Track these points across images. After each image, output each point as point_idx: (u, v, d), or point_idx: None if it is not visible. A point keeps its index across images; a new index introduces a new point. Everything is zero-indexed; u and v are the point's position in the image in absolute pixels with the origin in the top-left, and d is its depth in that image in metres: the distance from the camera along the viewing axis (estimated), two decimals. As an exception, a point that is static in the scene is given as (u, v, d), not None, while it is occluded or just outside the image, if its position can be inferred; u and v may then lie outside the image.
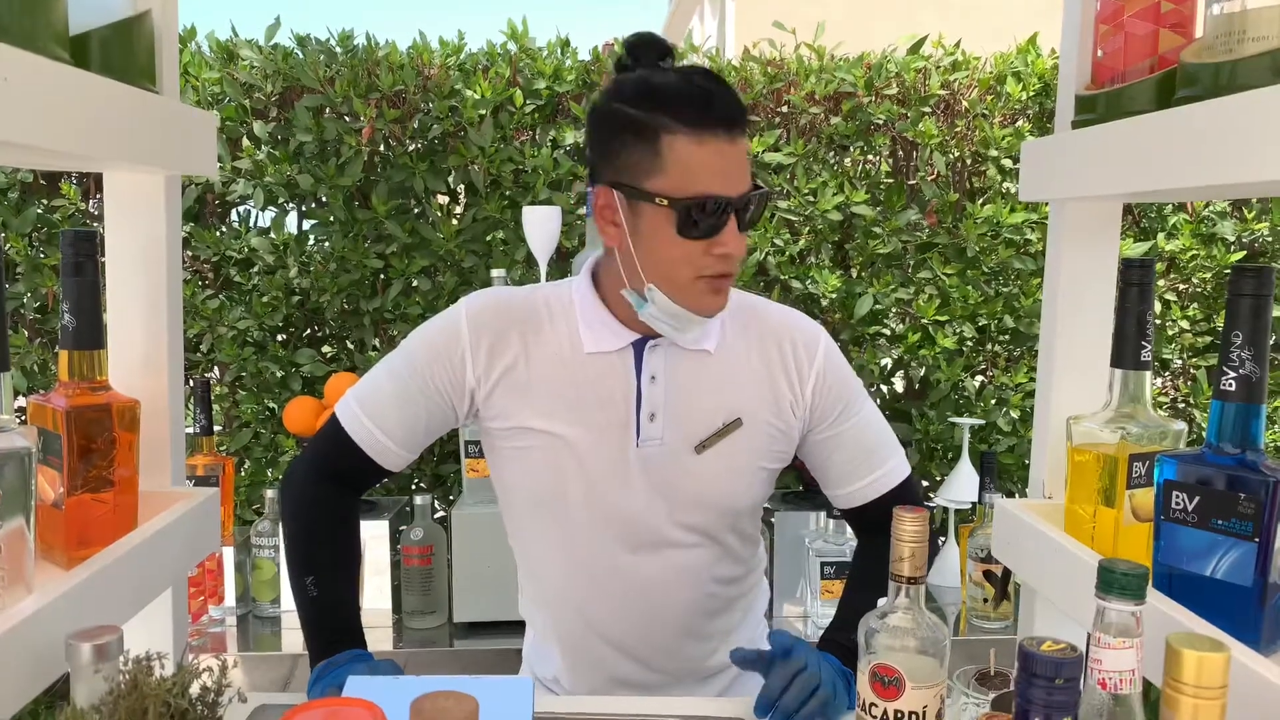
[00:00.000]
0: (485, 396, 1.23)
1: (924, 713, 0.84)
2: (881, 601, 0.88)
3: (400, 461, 1.27)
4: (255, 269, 2.61)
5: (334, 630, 1.22)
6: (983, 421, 2.62)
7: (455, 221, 2.59)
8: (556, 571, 1.29)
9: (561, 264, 2.55)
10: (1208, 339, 2.77)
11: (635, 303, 1.18)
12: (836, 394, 1.29)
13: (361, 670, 1.12)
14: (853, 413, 1.30)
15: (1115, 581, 0.67)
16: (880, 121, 2.62)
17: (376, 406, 1.25)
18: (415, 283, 2.57)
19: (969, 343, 2.69)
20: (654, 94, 1.13)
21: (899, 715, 0.83)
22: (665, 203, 1.12)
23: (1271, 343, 0.88)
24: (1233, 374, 0.86)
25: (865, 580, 1.33)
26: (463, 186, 2.65)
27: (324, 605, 1.24)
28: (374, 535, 2.19)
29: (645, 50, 1.18)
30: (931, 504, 2.46)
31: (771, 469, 1.29)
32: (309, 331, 2.72)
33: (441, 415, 1.26)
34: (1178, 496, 0.89)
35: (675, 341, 1.22)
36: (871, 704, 0.85)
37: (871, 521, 1.34)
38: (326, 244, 2.58)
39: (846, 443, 1.30)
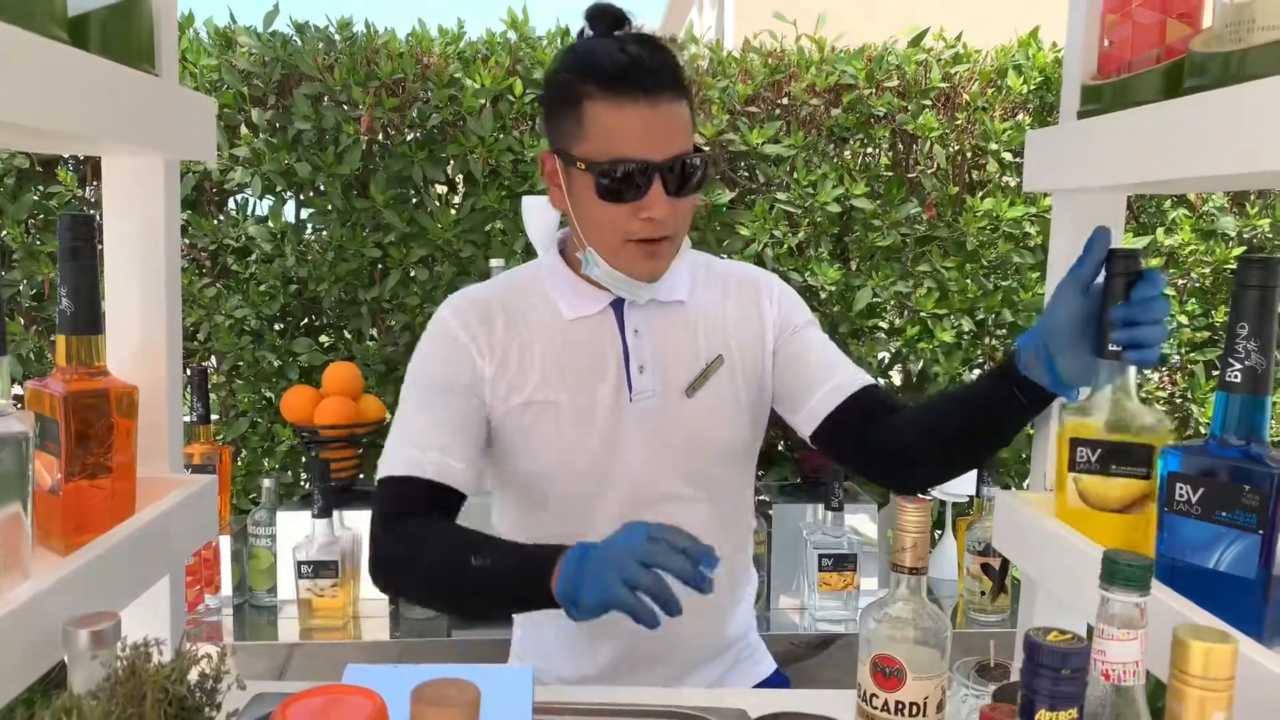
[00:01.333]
0: (492, 377, 1.25)
1: (925, 704, 0.83)
2: (882, 593, 0.88)
3: (471, 481, 1.23)
4: (253, 258, 2.60)
5: (532, 552, 1.11)
6: (981, 415, 2.62)
7: (454, 211, 2.58)
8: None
9: (560, 254, 2.54)
10: (1206, 334, 2.77)
11: (584, 263, 1.24)
12: (796, 308, 1.36)
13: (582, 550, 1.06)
14: (813, 329, 1.36)
15: (1120, 572, 0.66)
16: (881, 114, 2.61)
17: (423, 437, 1.21)
18: (413, 272, 2.56)
19: (967, 336, 2.69)
20: (579, 60, 1.17)
21: (900, 706, 0.83)
22: (584, 166, 1.16)
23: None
24: (1238, 365, 0.86)
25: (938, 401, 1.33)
26: (461, 176, 2.64)
27: (506, 553, 1.14)
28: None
29: (599, 20, 1.21)
30: (928, 497, 2.46)
31: (757, 404, 1.33)
32: (306, 321, 2.71)
33: (479, 413, 1.25)
34: (1181, 488, 0.88)
35: (629, 297, 1.25)
36: (872, 694, 0.85)
37: (854, 430, 1.29)
38: (324, 233, 2.57)
39: (810, 346, 1.34)
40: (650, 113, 1.14)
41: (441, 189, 2.68)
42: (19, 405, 0.93)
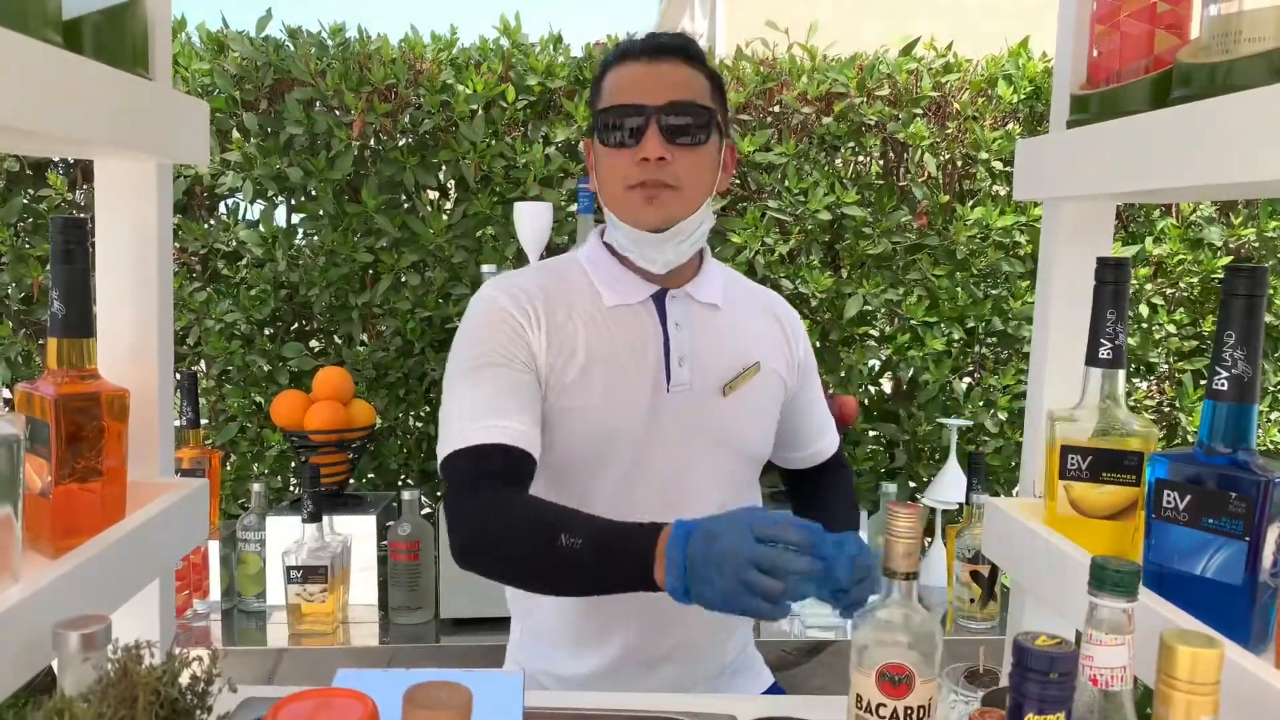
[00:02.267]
0: (547, 364, 1.24)
1: (930, 705, 0.84)
2: (873, 598, 0.88)
3: (539, 445, 1.20)
4: (243, 262, 2.59)
5: (626, 534, 1.06)
6: (970, 422, 2.63)
7: (445, 217, 2.58)
8: None
9: (552, 260, 2.54)
10: (1194, 343, 2.78)
11: (608, 228, 1.30)
12: (810, 359, 1.46)
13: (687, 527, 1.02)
14: (816, 378, 1.48)
15: (1108, 578, 0.67)
16: (872, 122, 2.62)
17: (485, 409, 1.18)
18: (404, 278, 2.56)
19: (957, 344, 2.70)
20: (611, 51, 1.29)
21: (909, 712, 0.83)
22: (592, 121, 1.26)
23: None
24: (1225, 373, 0.86)
25: (835, 510, 1.48)
26: (453, 182, 2.64)
27: (596, 533, 1.07)
28: (361, 530, 2.18)
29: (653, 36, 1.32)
30: (919, 502, 2.47)
31: (777, 419, 1.40)
32: (297, 325, 2.71)
33: (535, 389, 1.22)
34: (1169, 495, 0.89)
35: (646, 264, 1.28)
36: (879, 704, 0.84)
37: (807, 476, 1.53)
38: (315, 238, 2.57)
39: (813, 403, 1.48)
40: (651, 67, 1.23)
41: (433, 194, 2.69)
42: (8, 408, 0.93)
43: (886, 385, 2.90)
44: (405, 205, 2.60)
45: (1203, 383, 2.62)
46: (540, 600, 1.33)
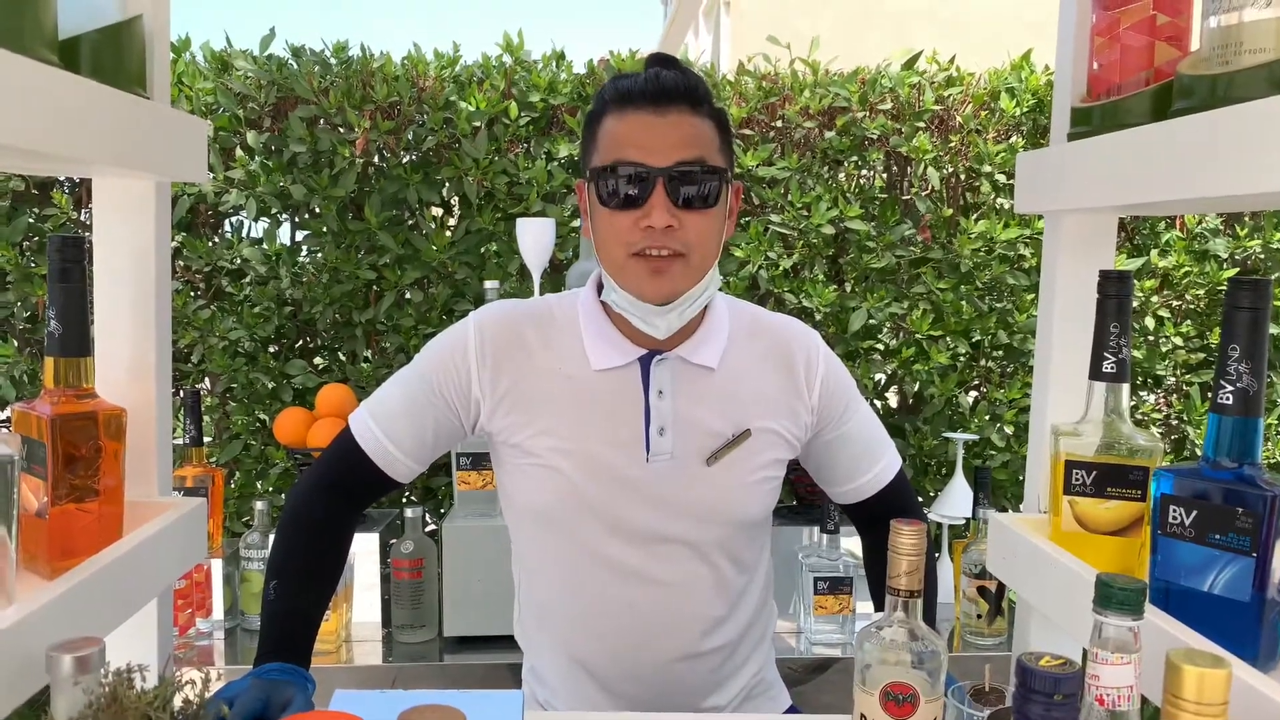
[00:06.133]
0: (491, 411, 1.23)
1: None
2: (877, 616, 0.87)
3: (408, 472, 1.26)
4: (247, 279, 2.59)
5: (277, 640, 1.17)
6: (976, 437, 2.62)
7: (448, 233, 2.58)
8: (562, 588, 1.27)
9: (555, 276, 2.54)
10: (1200, 355, 2.77)
11: (604, 289, 1.22)
12: (839, 396, 1.32)
13: (274, 675, 1.07)
14: (853, 411, 1.34)
15: (1113, 596, 0.66)
16: (874, 136, 2.62)
17: (386, 417, 1.25)
18: (408, 294, 2.56)
19: (963, 358, 2.69)
20: (606, 88, 1.18)
21: None
22: (589, 177, 1.17)
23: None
24: (1230, 387, 0.85)
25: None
26: (456, 198, 2.64)
27: (275, 612, 1.19)
28: (364, 549, 2.17)
29: (651, 63, 1.22)
30: (925, 519, 2.45)
31: (779, 476, 1.30)
32: (300, 342, 2.71)
33: (449, 427, 1.25)
34: (1175, 511, 0.88)
35: (647, 330, 1.20)
36: None
37: (874, 513, 1.39)
38: (319, 255, 2.57)
39: (850, 440, 1.34)
40: (655, 120, 1.13)
41: (436, 211, 2.69)
42: (6, 428, 0.93)
43: (892, 399, 2.89)
44: (408, 222, 2.60)
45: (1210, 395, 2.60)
46: (543, 627, 1.31)
